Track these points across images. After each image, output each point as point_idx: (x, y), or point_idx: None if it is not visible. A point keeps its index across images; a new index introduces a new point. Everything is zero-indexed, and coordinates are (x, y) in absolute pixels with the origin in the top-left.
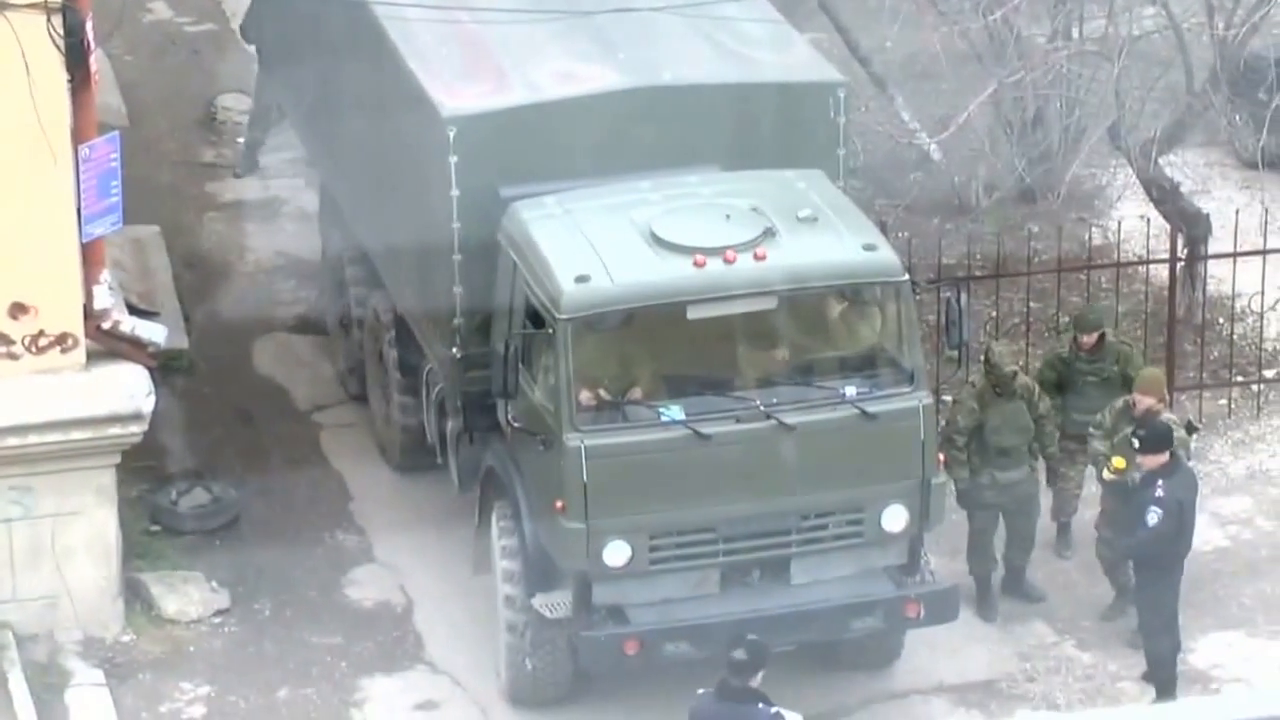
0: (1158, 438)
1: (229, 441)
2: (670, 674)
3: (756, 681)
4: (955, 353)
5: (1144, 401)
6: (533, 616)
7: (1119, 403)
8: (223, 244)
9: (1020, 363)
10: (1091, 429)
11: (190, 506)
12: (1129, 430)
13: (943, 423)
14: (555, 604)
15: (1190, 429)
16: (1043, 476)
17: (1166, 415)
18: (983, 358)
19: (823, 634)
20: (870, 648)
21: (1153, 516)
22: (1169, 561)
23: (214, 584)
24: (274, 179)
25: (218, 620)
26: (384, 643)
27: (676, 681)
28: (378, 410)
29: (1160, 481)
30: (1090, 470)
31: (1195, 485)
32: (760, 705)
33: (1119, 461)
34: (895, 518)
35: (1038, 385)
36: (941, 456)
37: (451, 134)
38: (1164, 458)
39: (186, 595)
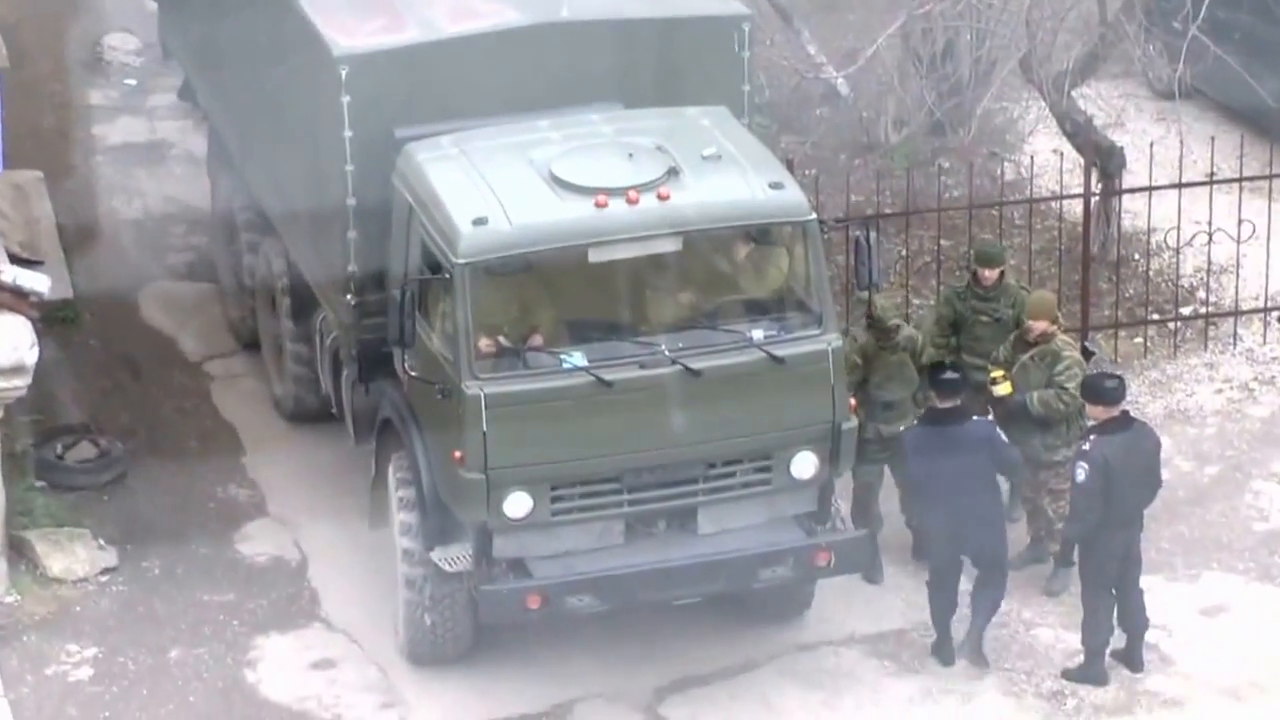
0: (1095, 386)
1: (116, 394)
2: (573, 629)
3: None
4: (865, 293)
5: (1037, 326)
6: (431, 571)
7: (1013, 336)
8: (109, 189)
9: (902, 314)
10: (990, 364)
11: (76, 461)
12: (1025, 356)
13: None
14: (454, 558)
15: (1086, 354)
16: None
17: (1061, 339)
18: (866, 311)
19: (731, 584)
20: (780, 598)
21: (1080, 472)
22: (1101, 525)
23: (101, 542)
24: (161, 121)
25: (105, 579)
26: (278, 600)
27: (579, 636)
28: (270, 360)
29: (1094, 437)
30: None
31: (1140, 450)
32: (975, 418)
33: (997, 372)
34: (805, 464)
35: (921, 335)
36: (853, 400)
37: (344, 73)
38: (1108, 411)
39: (73, 553)
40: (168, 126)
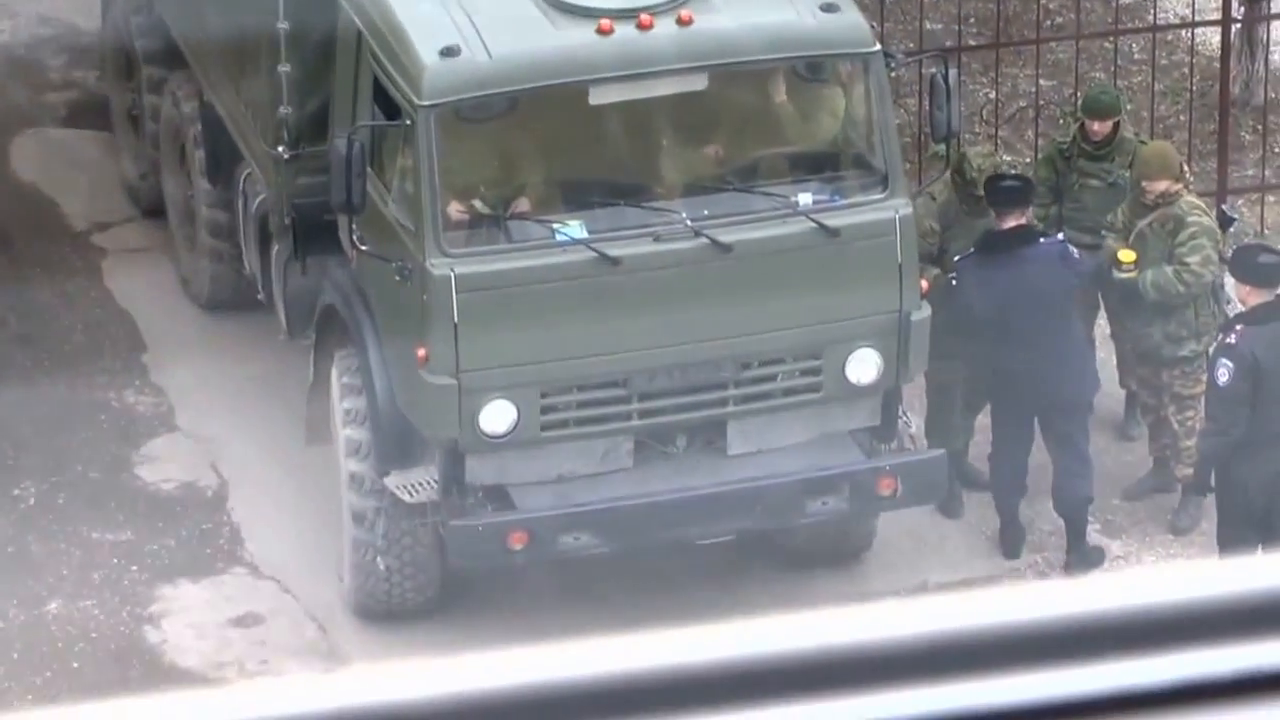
0: (1246, 261)
1: None
2: (567, 573)
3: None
4: (942, 147)
5: (1155, 187)
6: (386, 501)
7: (1129, 198)
8: None
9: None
10: (1105, 231)
11: None
12: (1143, 223)
13: None
14: (416, 485)
15: (1224, 221)
16: None
17: (1188, 199)
18: (951, 165)
19: (769, 519)
20: (832, 538)
21: (1221, 372)
22: (1246, 441)
23: None
24: None
25: None
26: (189, 539)
27: (575, 586)
28: (179, 230)
29: (1240, 327)
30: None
31: None
32: (1043, 239)
33: (1126, 254)
34: (864, 365)
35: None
36: (925, 283)
37: None
38: (1260, 293)
39: None
40: None
